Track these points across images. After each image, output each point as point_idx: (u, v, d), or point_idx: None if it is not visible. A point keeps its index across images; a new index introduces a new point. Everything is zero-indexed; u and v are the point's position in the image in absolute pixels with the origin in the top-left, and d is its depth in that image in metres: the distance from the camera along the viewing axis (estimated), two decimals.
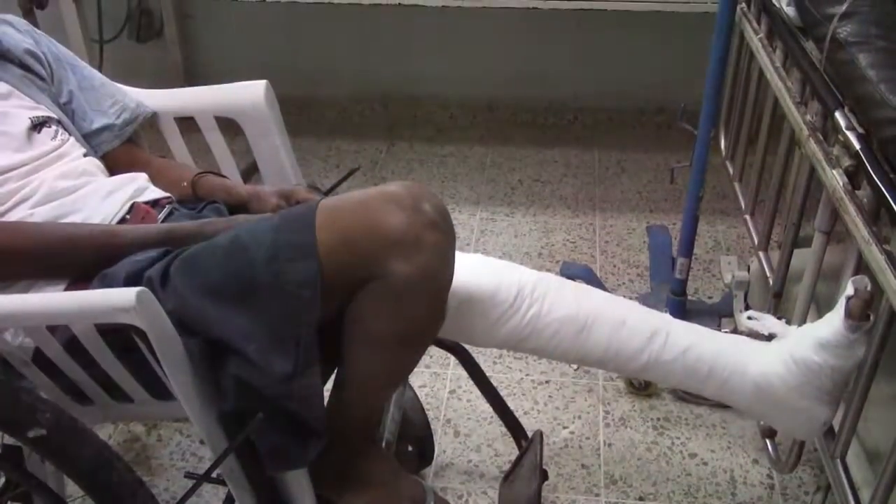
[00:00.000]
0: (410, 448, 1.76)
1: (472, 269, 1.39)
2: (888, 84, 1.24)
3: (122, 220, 1.36)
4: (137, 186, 1.43)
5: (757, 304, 1.90)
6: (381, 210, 1.13)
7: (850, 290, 1.23)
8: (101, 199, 1.37)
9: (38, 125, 1.39)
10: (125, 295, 1.06)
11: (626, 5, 2.40)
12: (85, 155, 1.45)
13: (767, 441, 1.70)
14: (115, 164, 1.52)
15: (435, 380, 2.10)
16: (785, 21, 1.61)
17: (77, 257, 1.25)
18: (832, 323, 1.26)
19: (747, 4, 1.89)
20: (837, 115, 1.32)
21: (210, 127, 1.61)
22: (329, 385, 1.30)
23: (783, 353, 1.33)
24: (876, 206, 1.18)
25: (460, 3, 2.46)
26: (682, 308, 2.10)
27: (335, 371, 1.30)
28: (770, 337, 1.39)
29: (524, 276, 1.40)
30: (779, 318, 1.42)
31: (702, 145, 1.90)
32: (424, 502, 1.36)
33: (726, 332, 1.51)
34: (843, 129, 1.28)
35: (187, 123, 1.65)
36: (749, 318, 1.42)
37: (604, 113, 3.30)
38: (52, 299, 1.20)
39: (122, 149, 1.55)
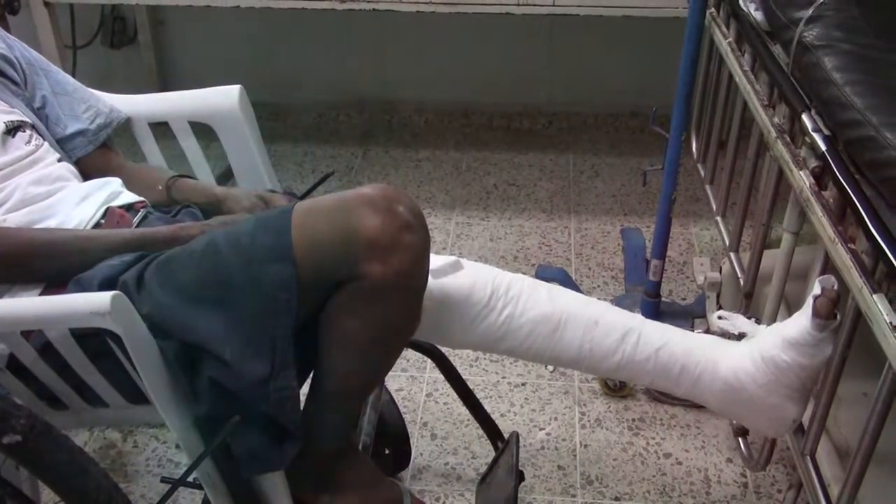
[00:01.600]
0: (387, 451, 1.77)
1: None
2: (853, 86, 1.26)
3: (97, 225, 1.36)
4: (111, 191, 1.43)
5: (729, 305, 1.92)
6: (356, 212, 1.14)
7: (816, 289, 1.25)
8: (74, 204, 1.37)
9: (12, 130, 1.38)
10: (100, 299, 1.06)
11: (599, 10, 2.42)
12: (59, 160, 1.45)
13: (740, 440, 1.72)
14: (89, 170, 1.51)
15: (412, 383, 2.11)
16: (753, 25, 1.63)
17: (53, 262, 1.25)
18: (800, 322, 1.27)
19: (716, 9, 1.91)
20: (804, 117, 1.34)
21: (184, 132, 1.61)
22: (305, 388, 1.30)
23: (753, 352, 1.34)
24: (841, 206, 1.20)
25: (434, 9, 2.47)
26: (656, 309, 2.12)
27: (311, 374, 1.30)
28: (740, 336, 1.41)
29: (498, 278, 1.41)
30: (749, 318, 1.43)
31: (674, 148, 1.93)
32: None
33: (699, 332, 1.53)
34: (810, 130, 1.31)
35: (161, 130, 1.65)
36: (720, 318, 1.44)
37: (578, 117, 3.32)
38: (27, 304, 1.19)
39: (95, 154, 1.55)
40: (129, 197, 1.45)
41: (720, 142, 2.01)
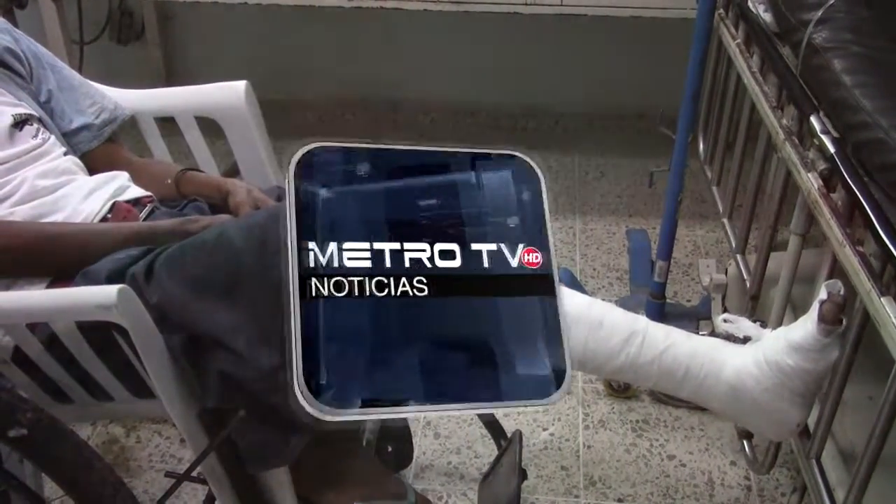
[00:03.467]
0: (390, 449, 1.76)
1: None
2: (862, 89, 1.26)
3: (104, 219, 1.36)
4: (118, 185, 1.43)
5: (735, 307, 1.92)
6: None
7: (823, 294, 1.24)
8: (81, 198, 1.37)
9: (19, 123, 1.38)
10: (106, 292, 1.06)
11: (607, 11, 2.42)
12: (65, 154, 1.45)
13: (744, 442, 1.71)
14: (95, 164, 1.51)
15: None
16: (762, 27, 1.63)
17: (60, 255, 1.25)
18: (805, 327, 1.26)
19: (725, 10, 1.91)
20: (813, 119, 1.33)
21: (190, 127, 1.61)
22: None
23: (757, 355, 1.34)
24: (850, 209, 1.20)
25: (441, 7, 2.47)
26: (661, 311, 2.12)
27: None
28: (745, 340, 1.40)
29: None
30: (755, 322, 1.43)
31: (680, 150, 1.92)
32: (406, 500, 1.37)
33: (704, 334, 1.52)
34: (819, 132, 1.30)
35: (168, 127, 1.65)
36: (725, 320, 1.44)
37: (584, 118, 3.32)
38: (33, 297, 1.20)
39: (101, 148, 1.55)
40: (135, 191, 1.45)
41: (727, 143, 2.01)
